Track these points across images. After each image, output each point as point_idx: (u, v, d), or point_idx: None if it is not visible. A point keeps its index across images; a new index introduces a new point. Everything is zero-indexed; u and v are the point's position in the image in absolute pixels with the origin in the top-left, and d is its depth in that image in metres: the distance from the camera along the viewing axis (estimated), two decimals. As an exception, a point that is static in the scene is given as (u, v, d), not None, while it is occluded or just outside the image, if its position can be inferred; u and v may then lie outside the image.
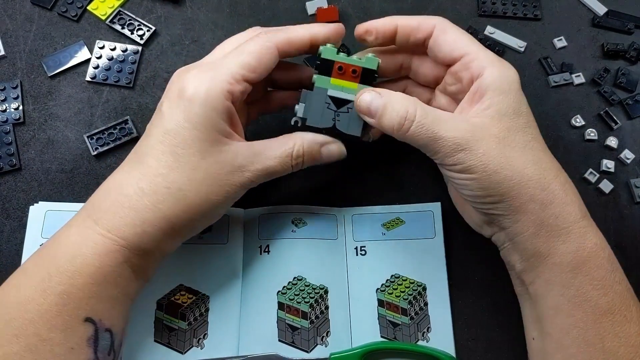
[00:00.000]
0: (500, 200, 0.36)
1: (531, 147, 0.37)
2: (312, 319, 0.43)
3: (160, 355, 0.42)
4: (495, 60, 0.38)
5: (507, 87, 0.37)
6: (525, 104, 0.38)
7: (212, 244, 0.44)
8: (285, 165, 0.38)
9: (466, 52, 0.38)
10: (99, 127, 0.48)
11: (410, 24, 0.40)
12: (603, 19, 0.55)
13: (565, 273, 0.36)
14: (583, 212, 0.37)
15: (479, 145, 0.35)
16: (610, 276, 0.36)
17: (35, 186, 0.46)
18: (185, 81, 0.36)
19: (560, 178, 0.37)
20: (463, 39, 0.39)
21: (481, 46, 0.38)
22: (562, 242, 0.36)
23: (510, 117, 0.36)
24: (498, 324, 0.45)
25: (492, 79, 0.37)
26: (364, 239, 0.46)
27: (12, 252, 0.44)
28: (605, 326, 0.35)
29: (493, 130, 0.36)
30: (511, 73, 0.37)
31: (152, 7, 0.52)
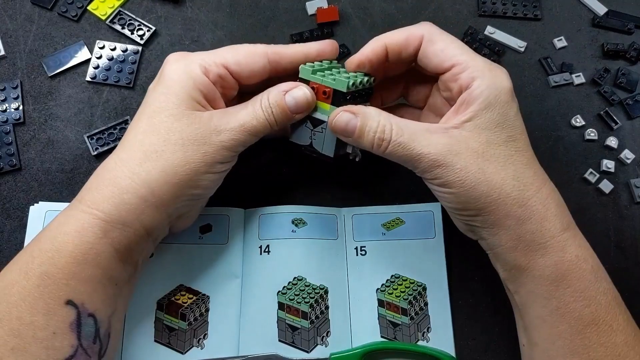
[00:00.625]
0: (478, 214, 0.37)
1: (513, 162, 0.36)
2: (312, 319, 0.43)
3: (160, 356, 0.42)
4: (486, 69, 0.36)
5: (494, 100, 0.36)
6: (514, 114, 0.37)
7: (212, 244, 0.44)
8: (259, 118, 0.37)
9: (456, 63, 0.37)
10: (99, 127, 0.48)
11: (398, 42, 0.39)
12: (603, 19, 0.55)
13: (545, 285, 0.36)
14: (565, 225, 0.36)
15: (456, 161, 0.35)
16: (594, 287, 0.35)
17: (36, 186, 0.46)
18: (170, 60, 0.39)
19: (542, 192, 0.36)
20: (452, 47, 0.37)
21: (472, 53, 0.37)
22: (540, 256, 0.36)
23: (491, 131, 0.36)
24: (498, 324, 0.45)
25: (479, 91, 0.36)
26: (364, 239, 0.46)
27: (12, 252, 0.44)
28: (590, 336, 0.35)
29: (472, 144, 0.35)
30: (501, 83, 0.36)
31: (152, 7, 0.52)
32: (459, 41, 0.38)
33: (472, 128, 0.36)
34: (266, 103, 0.38)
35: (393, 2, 0.55)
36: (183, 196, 0.37)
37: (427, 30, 0.38)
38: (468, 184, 0.35)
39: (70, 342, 0.33)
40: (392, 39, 0.39)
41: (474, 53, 0.38)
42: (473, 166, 0.35)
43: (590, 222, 0.48)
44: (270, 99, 0.38)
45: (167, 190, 0.36)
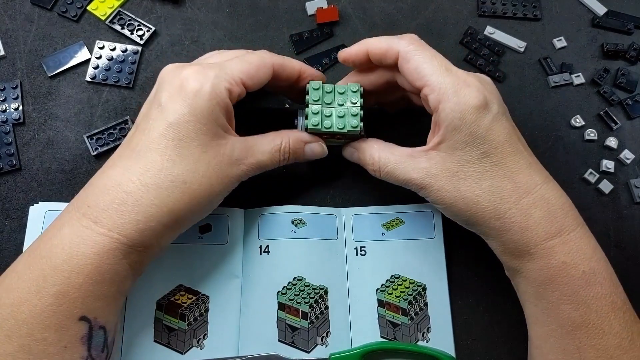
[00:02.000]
0: (467, 225, 0.40)
1: (489, 176, 0.37)
2: (312, 319, 0.43)
3: (160, 356, 0.42)
4: (451, 91, 0.36)
5: (458, 123, 0.36)
6: (484, 131, 0.36)
7: (212, 244, 0.44)
8: (274, 160, 0.41)
9: (425, 84, 0.37)
10: (99, 127, 0.48)
11: (378, 50, 0.40)
12: (603, 19, 0.55)
13: (534, 287, 0.38)
14: (552, 232, 0.36)
15: (433, 182, 0.38)
16: (584, 292, 0.36)
17: (35, 186, 0.46)
18: (188, 77, 0.37)
19: (523, 203, 0.37)
20: (424, 67, 0.37)
21: (443, 72, 0.37)
22: (527, 261, 0.37)
23: (462, 151, 0.37)
24: (498, 324, 0.45)
25: (445, 114, 0.37)
26: (364, 239, 0.46)
27: (12, 252, 0.44)
28: (580, 338, 0.36)
29: (448, 165, 0.37)
30: (466, 104, 0.36)
31: (152, 7, 0.52)
32: (435, 57, 0.38)
33: (445, 149, 0.38)
34: (286, 149, 0.41)
35: (393, 2, 0.55)
36: (199, 218, 0.39)
37: (404, 47, 0.38)
38: (447, 202, 0.38)
39: (81, 354, 0.34)
40: (373, 47, 0.40)
41: (445, 71, 0.37)
42: (448, 186, 0.37)
43: (590, 222, 0.47)
44: (291, 146, 0.41)
45: (189, 217, 0.38)
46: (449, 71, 0.37)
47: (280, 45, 0.52)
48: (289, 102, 0.50)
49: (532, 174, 0.38)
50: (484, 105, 0.36)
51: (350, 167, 0.48)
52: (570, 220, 0.37)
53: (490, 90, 0.38)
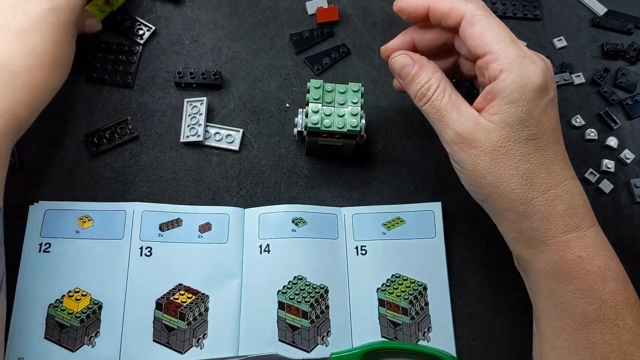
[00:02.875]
0: (485, 200, 0.38)
1: (528, 160, 0.36)
2: (312, 319, 0.43)
3: (159, 356, 0.41)
4: (516, 63, 0.35)
5: (518, 97, 0.35)
6: (540, 112, 0.36)
7: (212, 244, 0.44)
8: None
9: (487, 51, 0.36)
10: (99, 126, 0.48)
11: (441, 10, 0.38)
12: (603, 19, 0.55)
13: (547, 280, 0.37)
14: (571, 227, 0.36)
15: (474, 146, 0.36)
16: (598, 287, 0.35)
17: (35, 185, 0.46)
18: None
19: (551, 193, 0.36)
20: (489, 34, 0.36)
21: (508, 42, 0.36)
22: (541, 252, 0.36)
23: (513, 127, 0.36)
24: (499, 324, 0.45)
25: (504, 85, 0.35)
26: (364, 239, 0.46)
27: (11, 252, 0.43)
28: (594, 333, 0.35)
29: (493, 137, 0.36)
30: (529, 79, 0.35)
31: (152, 6, 0.52)
32: (501, 26, 0.37)
33: (497, 121, 0.36)
34: None
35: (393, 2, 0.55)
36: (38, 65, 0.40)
37: (471, 9, 0.37)
38: (479, 170, 0.36)
39: None
40: (436, 5, 0.38)
41: (511, 42, 0.36)
42: (487, 156, 0.36)
43: (591, 221, 0.48)
44: None
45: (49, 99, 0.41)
46: (515, 43, 0.36)
47: (280, 44, 0.52)
48: (289, 102, 0.50)
49: (565, 167, 0.37)
50: (545, 86, 0.35)
51: (350, 166, 0.48)
52: (588, 217, 0.37)
53: (551, 72, 0.37)
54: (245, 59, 0.51)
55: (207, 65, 0.51)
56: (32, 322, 0.41)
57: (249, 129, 0.49)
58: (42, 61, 0.39)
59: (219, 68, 0.51)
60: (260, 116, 0.50)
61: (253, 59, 0.51)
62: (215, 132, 0.48)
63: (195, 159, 0.48)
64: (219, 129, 0.48)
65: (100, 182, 0.46)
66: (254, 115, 0.50)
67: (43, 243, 0.43)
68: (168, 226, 0.45)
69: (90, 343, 0.41)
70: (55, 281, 0.42)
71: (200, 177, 0.47)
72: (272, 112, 0.50)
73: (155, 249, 0.44)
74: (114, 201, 0.45)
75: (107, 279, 0.43)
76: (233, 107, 0.50)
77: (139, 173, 0.47)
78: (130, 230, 0.44)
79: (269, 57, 0.52)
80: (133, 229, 0.44)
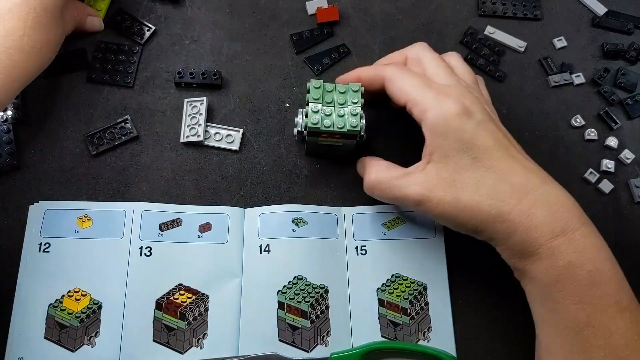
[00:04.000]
0: (474, 233, 0.39)
1: (484, 182, 0.37)
2: (312, 319, 0.43)
3: (159, 356, 0.41)
4: (433, 101, 0.38)
5: (444, 129, 0.38)
6: (469, 136, 0.37)
7: (212, 244, 0.44)
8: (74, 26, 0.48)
9: (408, 100, 0.40)
10: (99, 126, 0.48)
11: (366, 78, 0.44)
12: (603, 19, 0.55)
13: (540, 288, 0.38)
14: (557, 231, 0.36)
15: (432, 196, 0.38)
16: (589, 292, 0.36)
17: (35, 185, 0.46)
18: None
19: (524, 203, 0.37)
20: (406, 85, 0.40)
21: (423, 87, 0.39)
22: (532, 262, 0.37)
23: (454, 158, 0.38)
24: (499, 324, 0.45)
25: (429, 122, 0.38)
26: (364, 239, 0.46)
27: (11, 252, 0.43)
28: (588, 338, 0.36)
29: (443, 175, 0.38)
30: (448, 110, 0.38)
31: (152, 6, 0.52)
32: (416, 77, 0.41)
33: (438, 158, 0.38)
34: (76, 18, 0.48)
35: (393, 2, 0.55)
36: None
37: (389, 73, 0.42)
38: (449, 215, 0.38)
39: None
40: (363, 76, 0.44)
41: (425, 87, 0.39)
42: (448, 197, 0.38)
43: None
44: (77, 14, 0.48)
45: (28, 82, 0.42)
46: (429, 86, 0.40)
47: (280, 44, 0.52)
48: (289, 102, 0.50)
49: (529, 176, 0.38)
50: (464, 112, 0.38)
51: (350, 166, 0.48)
52: (574, 219, 0.37)
53: (472, 100, 0.39)
54: (245, 59, 0.51)
55: (207, 65, 0.51)
56: (32, 322, 0.41)
57: (249, 129, 0.49)
58: (20, 43, 0.40)
59: (219, 68, 0.51)
60: (260, 116, 0.50)
61: (253, 59, 0.51)
62: (215, 132, 0.48)
63: (195, 159, 0.48)
64: (219, 129, 0.48)
65: (100, 182, 0.46)
66: (254, 115, 0.50)
67: (43, 243, 0.43)
68: (168, 226, 0.45)
69: (90, 343, 0.41)
70: (55, 281, 0.42)
71: (200, 177, 0.47)
72: (272, 112, 0.50)
73: (155, 249, 0.44)
74: (113, 201, 0.45)
75: (107, 279, 0.43)
76: (233, 107, 0.50)
77: (139, 173, 0.47)
78: (130, 230, 0.44)
79: (269, 57, 0.52)
80: (133, 228, 0.44)
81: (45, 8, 0.41)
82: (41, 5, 0.41)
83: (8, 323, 0.41)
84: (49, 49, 0.43)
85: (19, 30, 0.40)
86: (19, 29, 0.40)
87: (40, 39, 0.41)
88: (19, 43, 0.40)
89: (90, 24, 0.50)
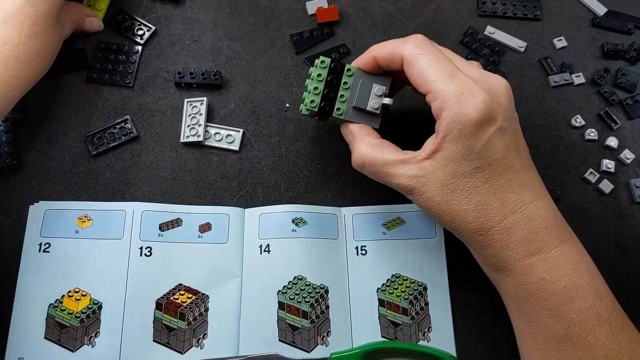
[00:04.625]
0: (449, 229, 0.39)
1: (478, 193, 0.36)
2: (312, 319, 0.43)
3: (159, 356, 0.41)
4: (454, 101, 0.35)
5: (457, 135, 0.35)
6: (480, 146, 0.35)
7: (212, 244, 0.44)
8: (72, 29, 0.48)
9: (428, 90, 0.37)
10: (99, 126, 0.48)
11: (384, 56, 0.40)
12: (603, 19, 0.55)
13: (515, 301, 0.38)
14: (532, 250, 0.36)
15: (423, 191, 0.37)
16: (565, 307, 0.36)
17: (35, 186, 0.46)
18: None
19: (507, 222, 0.36)
20: (428, 72, 0.37)
21: (447, 79, 0.36)
22: (505, 276, 0.38)
23: (456, 163, 0.36)
24: (499, 324, 0.45)
25: (445, 124, 0.36)
26: (364, 239, 0.46)
27: (11, 252, 0.43)
28: (566, 350, 0.36)
29: (439, 176, 0.37)
30: (467, 116, 0.35)
31: (152, 6, 0.52)
32: (440, 62, 0.37)
33: (440, 159, 0.37)
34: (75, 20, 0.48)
35: (393, 2, 0.55)
36: None
37: (409, 50, 0.38)
38: (434, 212, 0.38)
39: None
40: (379, 53, 0.40)
41: (450, 78, 0.36)
42: (437, 197, 0.37)
43: (590, 222, 0.48)
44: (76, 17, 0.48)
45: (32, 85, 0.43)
46: (454, 77, 0.36)
47: (280, 44, 0.52)
48: (289, 102, 0.50)
49: (522, 192, 0.37)
50: (486, 119, 0.35)
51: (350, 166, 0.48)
52: (553, 238, 0.37)
53: (500, 101, 0.37)
54: (245, 59, 0.51)
55: (207, 65, 0.51)
56: (32, 322, 0.41)
57: (249, 129, 0.49)
58: (16, 53, 0.40)
59: (219, 68, 0.51)
60: (260, 116, 0.50)
61: (253, 59, 0.51)
62: (215, 132, 0.48)
63: (195, 159, 0.48)
64: (219, 129, 0.48)
65: (100, 182, 0.46)
66: (254, 115, 0.50)
67: (43, 243, 0.43)
68: (168, 226, 0.45)
69: (90, 343, 0.41)
70: (55, 281, 0.42)
71: (200, 177, 0.47)
72: (272, 112, 0.50)
73: (155, 249, 0.44)
74: (113, 201, 0.45)
75: (107, 279, 0.43)
76: (233, 107, 0.50)
77: (139, 173, 0.47)
78: (130, 230, 0.44)
79: (269, 57, 0.52)
80: (133, 228, 0.44)
81: (40, 15, 0.41)
82: (36, 13, 0.41)
83: (8, 323, 0.41)
84: (47, 56, 0.43)
85: (15, 39, 0.40)
86: (15, 37, 0.40)
87: (36, 46, 0.41)
88: (15, 52, 0.40)
89: (89, 25, 0.49)
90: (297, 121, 0.50)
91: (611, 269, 0.38)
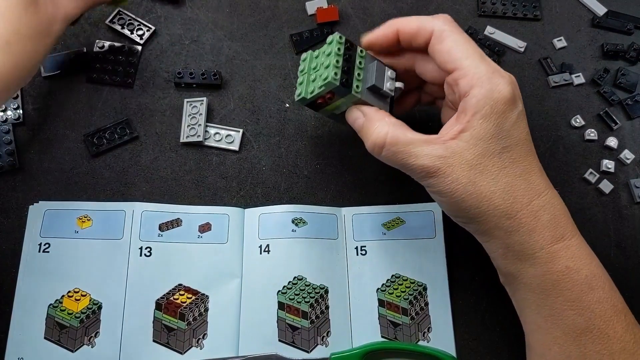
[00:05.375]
0: (469, 222, 0.37)
1: (506, 173, 0.35)
2: (312, 319, 0.43)
3: (159, 356, 0.41)
4: (485, 78, 0.35)
5: (489, 111, 0.35)
6: (510, 125, 0.35)
7: (212, 244, 0.44)
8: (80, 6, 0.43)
9: (457, 67, 0.36)
10: (99, 126, 0.48)
11: (409, 30, 0.39)
12: (603, 20, 0.55)
13: (536, 294, 0.36)
14: (557, 236, 0.36)
15: (449, 172, 0.35)
16: (587, 297, 0.35)
17: (35, 186, 0.46)
18: None
19: (534, 204, 0.36)
20: (458, 50, 0.36)
21: (477, 58, 0.36)
22: (529, 266, 0.36)
23: (486, 142, 0.35)
24: (499, 324, 0.45)
25: (475, 100, 0.35)
26: (364, 239, 0.46)
27: (11, 252, 0.43)
28: (585, 344, 0.35)
29: (467, 156, 0.35)
30: (500, 93, 0.35)
31: (152, 7, 0.52)
32: (469, 42, 0.37)
33: (468, 138, 0.35)
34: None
35: (393, 2, 0.55)
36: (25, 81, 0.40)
37: (439, 26, 0.37)
38: (458, 195, 0.35)
39: None
40: (404, 26, 0.39)
41: (480, 57, 0.36)
42: (464, 178, 0.35)
43: (590, 222, 0.48)
44: None
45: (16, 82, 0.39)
46: (483, 58, 0.36)
47: (280, 44, 0.52)
48: (289, 102, 0.50)
49: (542, 178, 0.37)
50: (514, 99, 0.36)
51: (351, 166, 0.48)
52: (571, 227, 0.37)
53: (517, 87, 0.37)
54: (245, 59, 0.51)
55: (207, 65, 0.51)
56: (32, 322, 0.41)
57: (249, 129, 0.49)
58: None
59: (219, 68, 0.51)
60: (260, 116, 0.50)
61: (253, 59, 0.51)
62: (215, 132, 0.48)
63: (195, 159, 0.48)
64: (218, 129, 0.48)
65: (100, 182, 0.46)
66: (254, 115, 0.50)
67: (43, 243, 0.43)
68: (168, 226, 0.45)
69: (90, 343, 0.41)
70: (55, 281, 0.42)
71: (200, 177, 0.47)
72: (272, 112, 0.50)
73: (155, 249, 0.44)
74: (113, 201, 0.45)
75: (106, 279, 0.43)
76: (233, 107, 0.50)
77: (139, 173, 0.47)
78: (130, 230, 0.44)
79: (269, 57, 0.52)
80: (133, 229, 0.44)
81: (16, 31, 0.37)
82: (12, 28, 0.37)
83: (8, 323, 0.41)
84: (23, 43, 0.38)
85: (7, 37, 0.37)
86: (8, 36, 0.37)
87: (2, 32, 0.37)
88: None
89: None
90: (297, 121, 0.50)
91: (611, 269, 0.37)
